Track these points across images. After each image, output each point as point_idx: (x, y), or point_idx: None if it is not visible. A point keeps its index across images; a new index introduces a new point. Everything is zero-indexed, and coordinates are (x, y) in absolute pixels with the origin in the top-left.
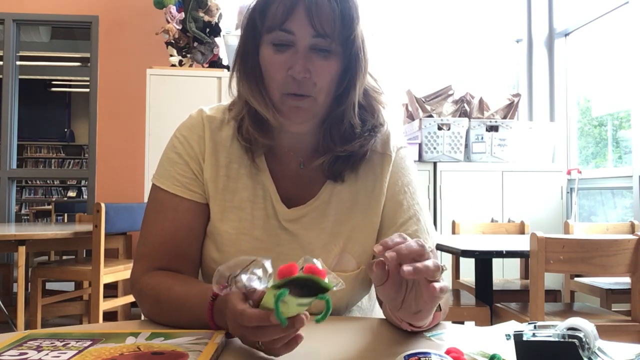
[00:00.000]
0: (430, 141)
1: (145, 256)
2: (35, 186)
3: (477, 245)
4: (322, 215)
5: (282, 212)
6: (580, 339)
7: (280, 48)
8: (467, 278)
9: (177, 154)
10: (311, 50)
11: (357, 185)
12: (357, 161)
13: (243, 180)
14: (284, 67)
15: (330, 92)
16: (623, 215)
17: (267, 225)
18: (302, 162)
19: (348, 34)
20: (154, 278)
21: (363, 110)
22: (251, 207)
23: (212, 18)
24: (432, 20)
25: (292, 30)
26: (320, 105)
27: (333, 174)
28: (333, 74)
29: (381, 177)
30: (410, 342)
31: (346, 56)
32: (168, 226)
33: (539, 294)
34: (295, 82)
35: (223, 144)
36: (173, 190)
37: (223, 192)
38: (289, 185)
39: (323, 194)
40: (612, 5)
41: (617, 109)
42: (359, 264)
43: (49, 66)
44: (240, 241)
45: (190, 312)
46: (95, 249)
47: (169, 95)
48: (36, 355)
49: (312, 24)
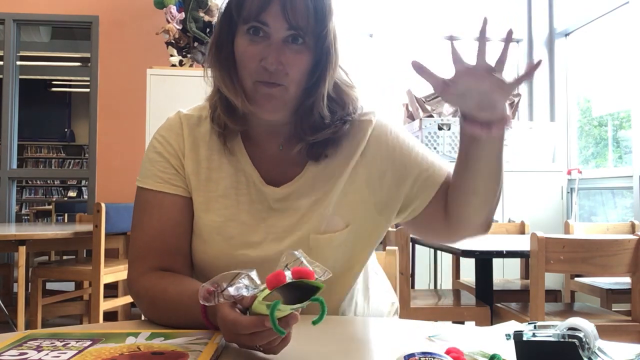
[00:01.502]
0: (431, 141)
1: (138, 258)
2: (35, 186)
3: (477, 245)
4: (311, 188)
5: (270, 192)
6: (580, 339)
7: (254, 39)
8: (467, 278)
9: (157, 153)
10: (284, 42)
11: (343, 155)
12: (335, 141)
13: (224, 169)
14: (258, 57)
15: (301, 84)
16: (623, 215)
17: (253, 210)
18: (281, 144)
19: (321, 29)
20: (149, 280)
21: (333, 102)
22: (235, 193)
23: (212, 18)
24: (432, 21)
25: (267, 23)
26: (291, 95)
27: (313, 156)
28: (305, 67)
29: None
30: (410, 342)
31: (318, 50)
32: (155, 224)
33: (539, 294)
34: (267, 72)
35: (202, 138)
36: (156, 187)
37: (206, 184)
38: (270, 167)
39: (308, 170)
40: (612, 5)
41: (617, 109)
42: (346, 223)
43: (49, 66)
44: (228, 227)
45: (187, 312)
46: (96, 249)
47: (169, 95)
48: (36, 355)
49: (286, 18)
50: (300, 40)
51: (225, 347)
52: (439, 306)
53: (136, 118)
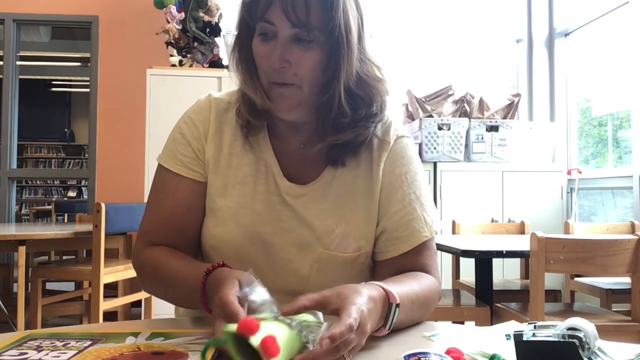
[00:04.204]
0: (430, 141)
1: (146, 233)
2: (35, 186)
3: (477, 245)
4: (323, 195)
5: (284, 186)
6: (580, 339)
7: (265, 38)
8: (467, 278)
9: (181, 134)
10: (292, 40)
11: (359, 170)
12: (356, 147)
13: (247, 156)
14: (267, 57)
15: (315, 82)
16: (623, 215)
17: (268, 201)
18: (302, 142)
19: (327, 23)
20: (154, 251)
21: (358, 98)
22: (253, 181)
23: (212, 18)
24: (432, 20)
25: (272, 22)
26: (305, 93)
27: (332, 160)
28: (314, 64)
29: (378, 163)
30: (410, 342)
31: (329, 46)
32: (168, 204)
33: (539, 294)
34: (276, 71)
35: (228, 124)
36: (174, 169)
37: (226, 169)
38: (291, 163)
39: (325, 176)
40: (612, 5)
41: (617, 109)
42: (358, 247)
43: (49, 66)
44: (240, 215)
45: (184, 285)
46: (96, 249)
47: (169, 95)
48: (36, 355)
49: (286, 15)
50: (308, 38)
51: None
52: (439, 306)
53: (136, 118)
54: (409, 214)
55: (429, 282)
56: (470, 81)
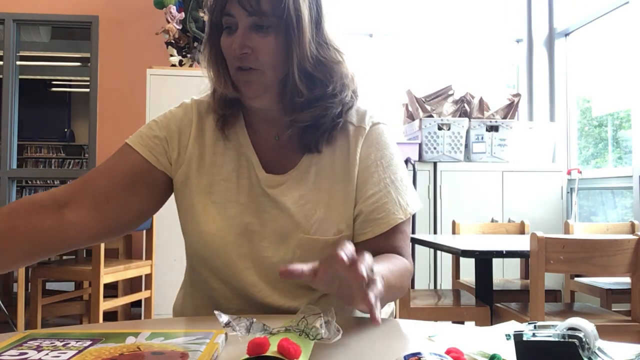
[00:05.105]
0: (430, 141)
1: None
2: (35, 186)
3: (477, 245)
4: (301, 182)
5: (263, 177)
6: (580, 339)
7: (229, 31)
8: (467, 278)
9: (155, 122)
10: (252, 28)
11: (335, 157)
12: (326, 131)
13: (229, 154)
14: (231, 46)
15: (276, 66)
16: (623, 215)
17: (252, 193)
18: (277, 134)
19: (277, 7)
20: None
21: (315, 79)
22: (237, 176)
23: None
24: (432, 21)
25: (231, 13)
26: (269, 78)
27: (305, 145)
28: (272, 48)
29: (355, 148)
30: (409, 342)
31: (282, 30)
32: (107, 164)
33: (539, 294)
34: (239, 58)
35: (210, 124)
36: (134, 145)
37: (210, 167)
38: (269, 155)
39: (302, 164)
40: (612, 5)
41: (617, 109)
42: (339, 230)
43: (49, 66)
44: (227, 208)
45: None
46: (95, 249)
47: (169, 95)
48: (36, 355)
49: (242, 5)
50: (265, 24)
51: (225, 346)
52: (439, 306)
53: (136, 118)
54: (384, 197)
55: (402, 263)
56: (470, 81)
